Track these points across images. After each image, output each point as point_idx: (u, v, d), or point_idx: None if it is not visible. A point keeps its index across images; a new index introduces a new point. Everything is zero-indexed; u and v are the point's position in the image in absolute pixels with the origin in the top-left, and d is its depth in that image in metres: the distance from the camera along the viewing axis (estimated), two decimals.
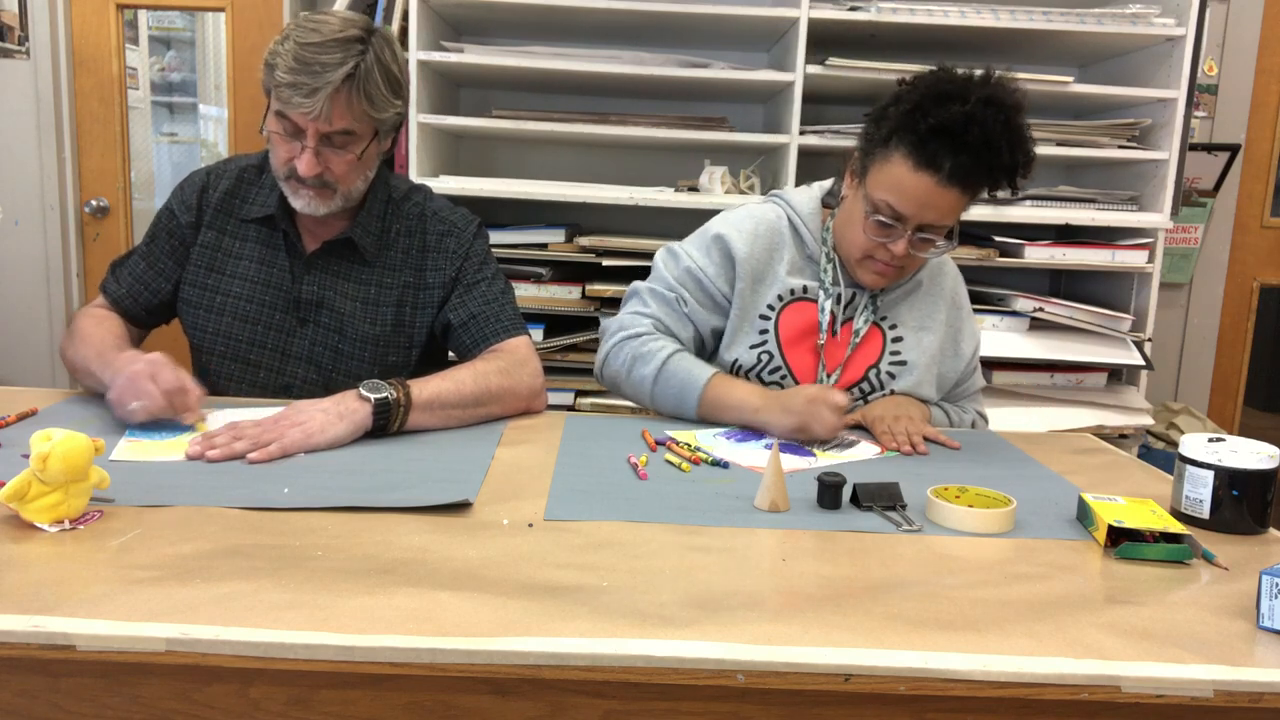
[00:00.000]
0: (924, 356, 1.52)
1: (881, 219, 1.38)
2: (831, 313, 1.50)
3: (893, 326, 1.53)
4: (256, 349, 1.50)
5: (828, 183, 1.59)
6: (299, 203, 1.43)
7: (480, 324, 1.51)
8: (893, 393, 1.51)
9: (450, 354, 1.62)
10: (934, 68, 1.39)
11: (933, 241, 1.40)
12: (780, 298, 1.50)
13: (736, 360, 1.50)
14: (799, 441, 1.35)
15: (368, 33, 1.38)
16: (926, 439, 1.38)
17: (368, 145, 1.42)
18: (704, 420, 1.43)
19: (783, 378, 1.50)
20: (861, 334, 1.51)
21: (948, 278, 1.59)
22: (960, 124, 1.29)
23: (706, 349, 1.55)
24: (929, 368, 1.53)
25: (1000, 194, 1.38)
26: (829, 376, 1.49)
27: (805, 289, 1.51)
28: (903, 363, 1.52)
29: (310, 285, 1.50)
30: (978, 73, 1.35)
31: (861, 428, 1.45)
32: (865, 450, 1.34)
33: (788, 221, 1.54)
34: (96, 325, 1.46)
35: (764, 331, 1.50)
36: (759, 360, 1.49)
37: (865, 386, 1.51)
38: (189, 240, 1.52)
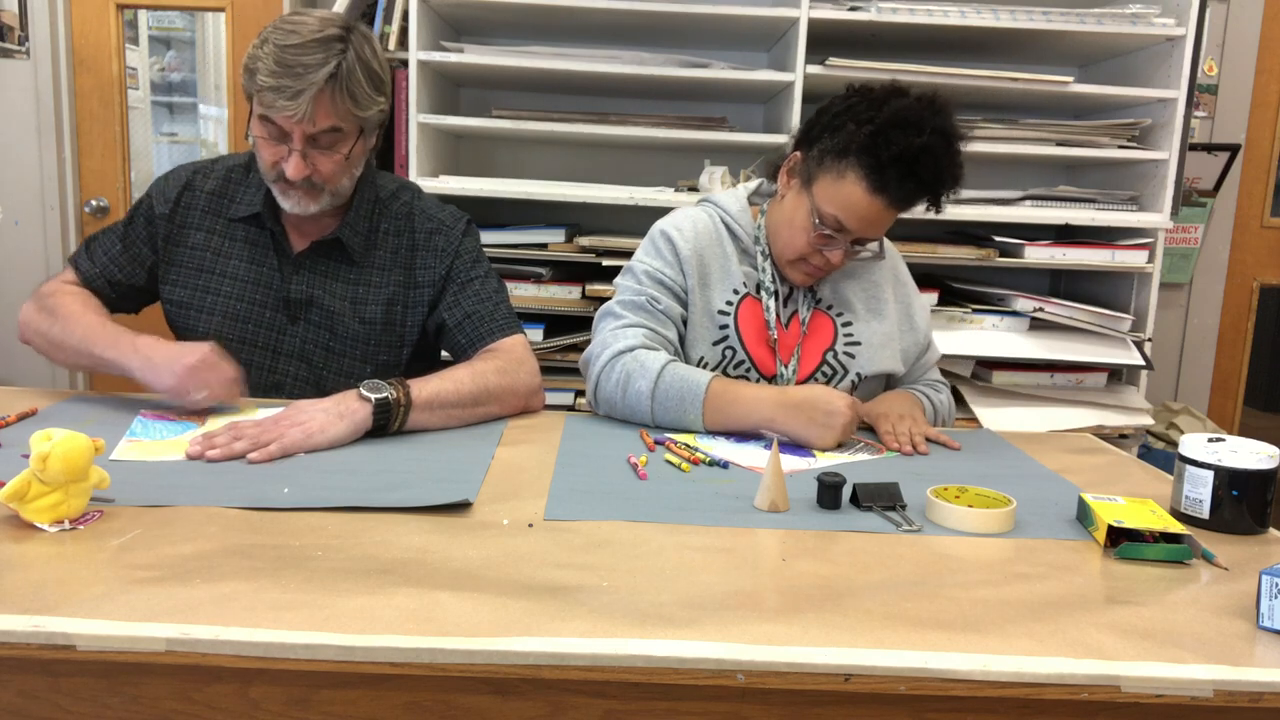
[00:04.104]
0: (877, 335, 1.56)
1: (826, 232, 1.43)
2: (775, 310, 1.52)
3: (840, 314, 1.56)
4: (247, 347, 1.50)
5: (752, 184, 1.64)
6: (288, 204, 1.44)
7: (475, 324, 1.51)
8: (859, 377, 1.53)
9: (444, 354, 1.62)
10: (891, 83, 1.44)
11: (862, 250, 1.49)
12: (736, 292, 1.52)
13: (702, 358, 1.51)
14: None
15: (347, 31, 1.37)
16: (929, 439, 1.39)
17: (354, 144, 1.42)
18: (711, 429, 1.39)
19: (747, 370, 1.51)
20: (807, 321, 1.53)
21: (886, 255, 1.63)
22: (915, 154, 1.36)
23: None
24: (885, 345, 1.56)
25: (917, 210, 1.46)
26: (785, 366, 1.50)
27: (751, 284, 1.54)
28: (857, 343, 1.54)
29: (299, 284, 1.50)
30: (928, 96, 1.41)
31: (864, 426, 1.45)
32: (866, 450, 1.34)
33: (720, 222, 1.57)
34: (84, 306, 1.46)
35: (724, 328, 1.51)
36: (724, 356, 1.51)
37: (826, 370, 1.52)
38: (159, 231, 1.52)
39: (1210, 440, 1.08)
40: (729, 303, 1.52)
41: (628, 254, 2.42)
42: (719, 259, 1.54)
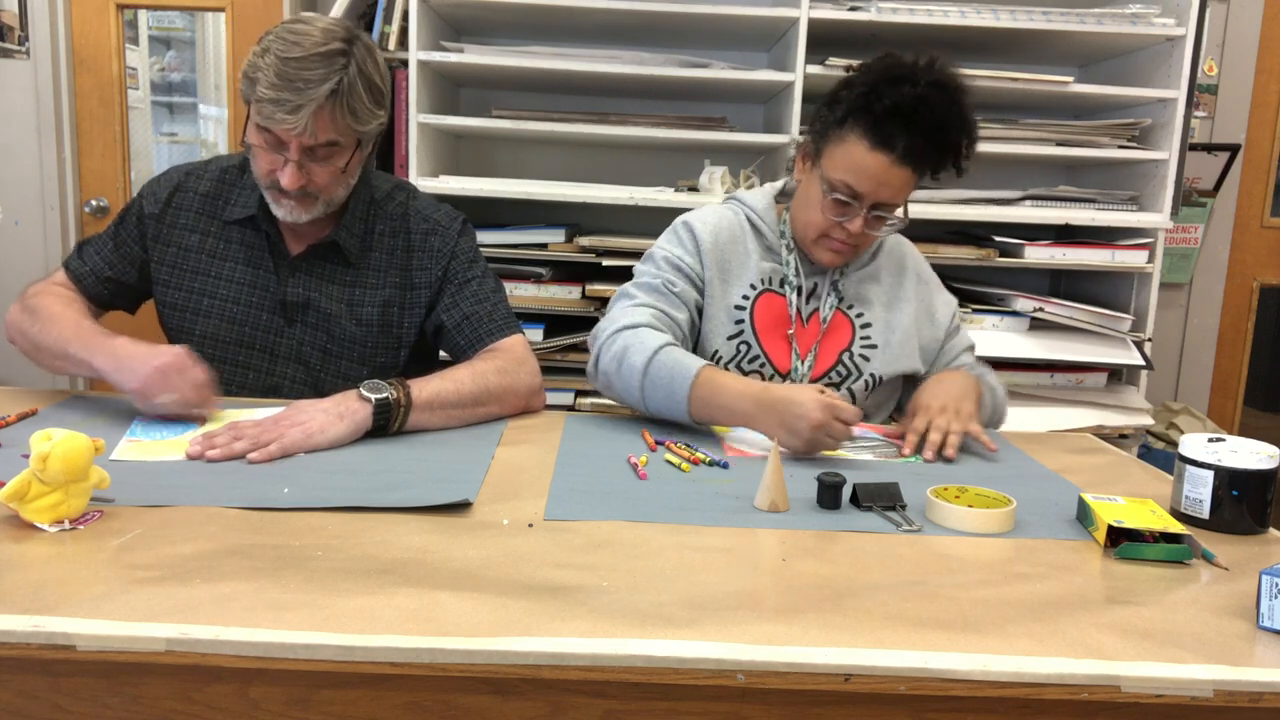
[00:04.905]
0: (896, 335, 1.56)
1: (839, 197, 1.43)
2: (797, 305, 1.53)
3: (859, 315, 1.56)
4: (245, 350, 1.50)
5: (779, 184, 1.65)
6: (281, 211, 1.43)
7: (474, 324, 1.51)
8: (874, 379, 1.53)
9: (442, 354, 1.62)
10: (882, 54, 1.45)
11: (885, 219, 1.46)
12: (753, 287, 1.54)
13: (716, 351, 1.52)
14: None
15: (349, 43, 1.35)
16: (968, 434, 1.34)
17: (351, 156, 1.41)
18: (697, 419, 1.36)
19: (761, 365, 1.52)
20: (828, 321, 1.54)
21: (909, 258, 1.64)
22: (912, 105, 1.36)
23: (699, 332, 1.57)
24: (904, 344, 1.56)
25: (944, 175, 1.43)
26: (802, 362, 1.51)
27: (771, 280, 1.55)
28: (873, 346, 1.55)
29: (295, 287, 1.50)
30: (923, 55, 1.41)
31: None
32: (877, 451, 1.33)
33: (745, 218, 1.59)
34: (65, 306, 1.44)
35: (740, 322, 1.52)
36: (738, 350, 1.52)
37: (841, 370, 1.53)
38: (148, 231, 1.52)
39: (1210, 440, 1.08)
40: (745, 297, 1.53)
41: (628, 254, 2.44)
42: (739, 255, 1.55)
